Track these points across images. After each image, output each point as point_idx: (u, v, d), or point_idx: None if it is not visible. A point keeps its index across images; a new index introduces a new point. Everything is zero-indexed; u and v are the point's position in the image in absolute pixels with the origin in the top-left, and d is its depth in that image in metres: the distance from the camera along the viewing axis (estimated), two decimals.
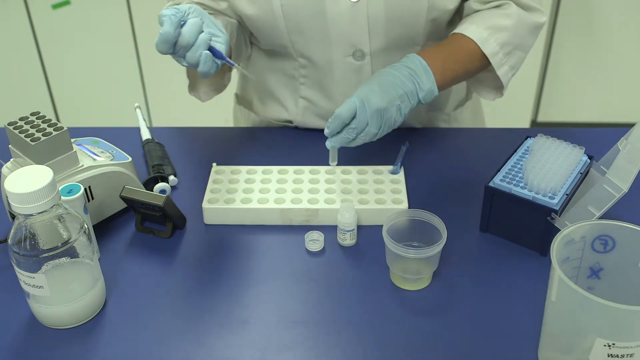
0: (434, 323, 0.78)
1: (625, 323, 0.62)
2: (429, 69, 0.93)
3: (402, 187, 0.97)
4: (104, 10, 2.36)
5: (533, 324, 0.76)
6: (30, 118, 0.90)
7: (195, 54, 0.82)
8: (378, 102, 0.88)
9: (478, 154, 1.09)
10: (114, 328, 0.79)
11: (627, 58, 2.57)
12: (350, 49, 1.03)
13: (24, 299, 0.79)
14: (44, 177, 0.70)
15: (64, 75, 2.53)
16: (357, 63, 1.04)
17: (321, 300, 0.82)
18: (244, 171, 1.01)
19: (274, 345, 0.76)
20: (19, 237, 0.71)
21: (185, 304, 0.82)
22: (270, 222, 0.94)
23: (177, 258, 0.89)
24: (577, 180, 0.89)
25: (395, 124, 0.92)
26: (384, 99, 0.89)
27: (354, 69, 1.05)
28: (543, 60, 2.58)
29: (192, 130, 1.19)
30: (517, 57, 1.02)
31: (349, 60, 1.04)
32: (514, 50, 1.01)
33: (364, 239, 0.92)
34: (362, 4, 0.97)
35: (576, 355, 0.66)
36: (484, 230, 0.92)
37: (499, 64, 1.00)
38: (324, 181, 0.98)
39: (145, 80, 2.54)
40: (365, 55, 1.03)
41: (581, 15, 2.49)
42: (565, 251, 0.70)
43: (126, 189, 0.90)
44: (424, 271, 0.83)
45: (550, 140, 0.94)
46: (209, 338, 0.77)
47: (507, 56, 1.00)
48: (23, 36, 2.41)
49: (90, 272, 0.78)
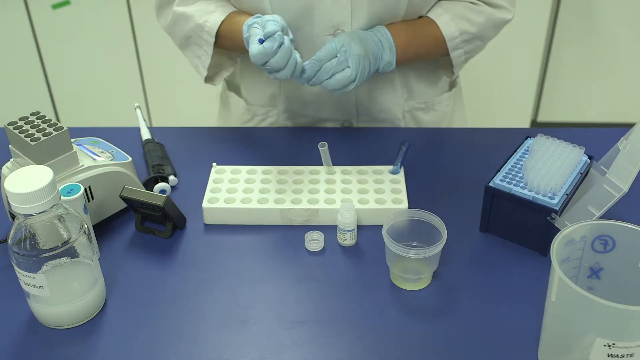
0: (434, 323, 0.78)
1: (625, 323, 0.62)
2: (393, 45, 1.02)
3: (402, 187, 0.97)
4: (104, 10, 2.36)
5: (533, 324, 0.76)
6: (30, 118, 0.90)
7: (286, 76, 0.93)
8: (358, 49, 0.95)
9: (478, 154, 1.09)
10: (114, 328, 0.79)
11: (627, 58, 2.57)
12: (331, 29, 1.05)
13: (24, 299, 0.79)
14: (44, 177, 0.70)
15: (64, 75, 2.53)
16: None
17: (321, 300, 0.82)
18: (244, 171, 1.01)
19: (274, 345, 0.76)
20: (19, 237, 0.71)
21: (185, 304, 0.82)
22: (270, 222, 0.94)
23: (177, 258, 0.89)
24: (577, 180, 0.89)
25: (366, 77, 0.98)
26: (363, 47, 0.96)
27: None
28: (543, 60, 2.58)
29: (192, 130, 1.19)
30: (474, 45, 1.11)
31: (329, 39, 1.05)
32: (473, 39, 1.09)
33: (364, 239, 0.92)
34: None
35: (576, 355, 0.66)
36: (484, 230, 0.92)
37: (454, 47, 1.08)
38: (324, 181, 0.98)
39: (145, 80, 2.53)
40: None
41: (581, 15, 2.49)
42: (565, 251, 0.70)
43: (126, 189, 0.90)
44: (424, 271, 0.83)
45: (550, 140, 0.94)
46: (208, 338, 0.77)
47: (464, 43, 1.08)
48: (23, 36, 2.41)
49: (90, 272, 0.78)
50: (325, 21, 1.04)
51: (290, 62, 0.92)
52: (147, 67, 2.51)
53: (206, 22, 1.07)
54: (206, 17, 1.08)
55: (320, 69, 0.95)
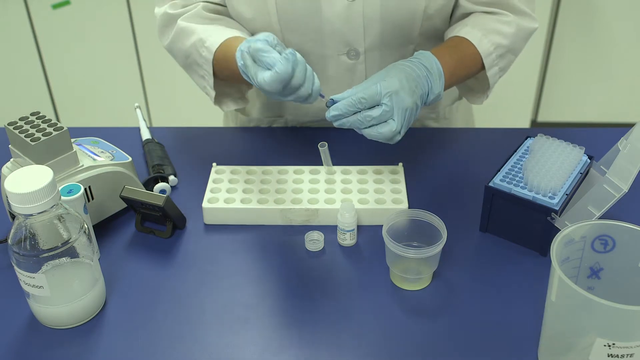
0: (434, 323, 0.78)
1: (625, 323, 0.62)
2: (442, 73, 0.90)
3: (402, 187, 0.97)
4: (104, 10, 2.36)
5: (533, 324, 0.76)
6: (30, 118, 0.90)
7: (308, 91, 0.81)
8: (407, 100, 0.83)
9: (478, 154, 1.09)
10: (114, 328, 0.79)
11: (627, 58, 2.57)
12: (344, 48, 1.03)
13: (24, 299, 0.79)
14: (44, 177, 0.70)
15: (64, 75, 2.53)
16: (351, 62, 1.05)
17: (321, 300, 0.82)
18: (243, 171, 1.01)
19: (274, 345, 0.76)
20: (19, 237, 0.71)
21: (185, 304, 0.82)
22: (270, 222, 0.94)
23: (177, 258, 0.89)
24: (577, 180, 0.89)
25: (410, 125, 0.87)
26: (412, 97, 0.84)
27: (348, 68, 1.05)
28: (543, 60, 2.58)
29: (192, 130, 1.19)
30: (507, 60, 1.04)
31: (342, 59, 1.04)
32: (506, 53, 1.02)
33: (364, 239, 0.92)
34: (358, 4, 0.97)
35: (576, 355, 0.66)
36: (484, 230, 0.92)
37: (491, 65, 1.01)
38: (324, 181, 0.98)
39: (145, 80, 2.53)
40: (359, 54, 1.03)
41: (581, 15, 2.48)
42: (565, 251, 0.70)
43: (126, 189, 0.90)
44: (424, 271, 0.83)
45: (550, 140, 0.94)
46: (208, 338, 0.77)
47: (499, 58, 1.02)
48: (23, 36, 2.41)
49: (90, 272, 0.78)
50: (337, 41, 1.02)
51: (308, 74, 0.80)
52: (147, 67, 2.50)
53: (209, 37, 0.99)
54: (209, 34, 0.99)
55: (360, 114, 0.83)
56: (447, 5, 1.02)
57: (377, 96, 0.82)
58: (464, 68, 0.99)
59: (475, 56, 1.00)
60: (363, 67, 1.05)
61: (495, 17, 1.02)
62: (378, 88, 0.82)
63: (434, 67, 0.90)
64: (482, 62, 1.00)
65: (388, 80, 0.84)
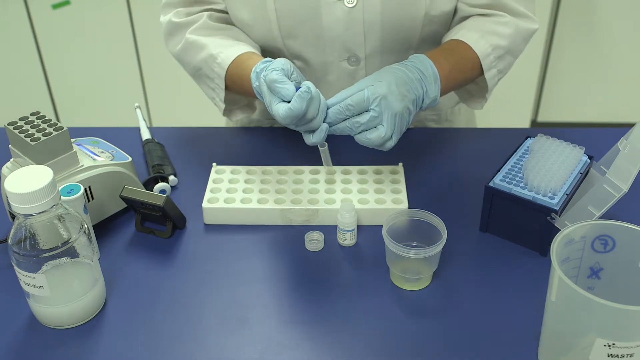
0: (434, 323, 0.78)
1: (625, 323, 0.62)
2: (438, 77, 0.89)
3: (402, 187, 0.97)
4: (104, 11, 2.36)
5: (533, 324, 0.76)
6: (30, 118, 0.90)
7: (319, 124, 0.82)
8: (396, 105, 0.82)
9: (478, 154, 1.09)
10: (114, 328, 0.79)
11: (627, 58, 2.57)
12: (345, 54, 1.03)
13: (24, 299, 0.79)
14: (44, 177, 0.70)
15: (64, 75, 2.53)
16: (352, 68, 1.04)
17: (321, 300, 0.82)
18: (243, 171, 1.01)
19: (273, 345, 0.76)
20: (19, 237, 0.71)
21: (185, 304, 0.82)
22: (270, 222, 0.94)
23: (177, 258, 0.89)
24: (577, 180, 0.89)
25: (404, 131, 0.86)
26: (402, 101, 0.83)
27: (349, 73, 1.05)
28: (543, 60, 2.58)
29: (192, 130, 1.19)
30: (506, 62, 1.02)
31: (343, 65, 1.04)
32: (505, 54, 1.01)
33: (364, 239, 0.92)
34: (359, 10, 0.97)
35: (576, 355, 0.66)
36: (484, 230, 0.92)
37: (489, 67, 1.00)
38: (324, 181, 0.98)
39: (145, 80, 2.54)
40: (360, 60, 1.03)
41: (581, 15, 2.49)
42: (565, 251, 0.70)
43: (126, 189, 0.90)
44: (424, 271, 0.83)
45: (550, 140, 0.94)
46: (208, 338, 0.77)
47: (497, 60, 1.00)
48: (23, 36, 2.41)
49: (90, 272, 0.78)
50: (338, 47, 1.01)
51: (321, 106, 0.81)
52: (147, 67, 2.51)
53: (220, 53, 0.99)
54: (220, 49, 0.99)
55: (349, 120, 0.83)
56: (448, 9, 1.01)
57: (365, 102, 0.81)
58: (461, 71, 0.97)
59: (473, 59, 0.98)
60: (364, 73, 1.05)
61: (493, 19, 1.01)
62: (366, 94, 0.81)
63: (428, 70, 0.88)
64: (481, 64, 0.99)
65: (377, 85, 0.82)
